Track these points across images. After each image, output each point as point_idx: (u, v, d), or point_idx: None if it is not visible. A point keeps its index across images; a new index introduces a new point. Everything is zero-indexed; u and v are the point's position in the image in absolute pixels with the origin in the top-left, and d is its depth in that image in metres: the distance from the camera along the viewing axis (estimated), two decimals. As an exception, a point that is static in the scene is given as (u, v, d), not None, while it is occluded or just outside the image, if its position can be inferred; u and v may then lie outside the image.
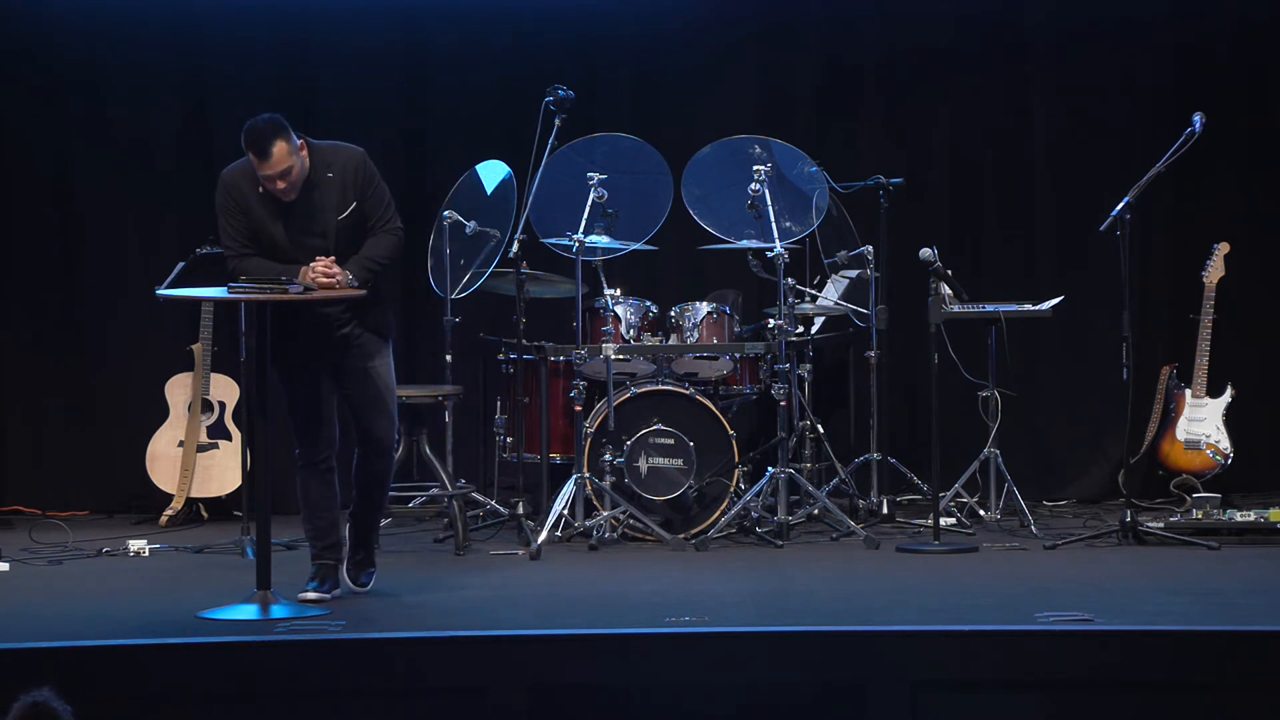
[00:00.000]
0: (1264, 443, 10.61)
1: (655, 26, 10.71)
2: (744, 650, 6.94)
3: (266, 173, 7.65)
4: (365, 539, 8.13)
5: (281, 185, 7.68)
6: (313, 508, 8.00)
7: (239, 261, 7.77)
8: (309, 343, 7.85)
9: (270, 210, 7.74)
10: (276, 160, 7.61)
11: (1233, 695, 6.77)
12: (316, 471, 7.97)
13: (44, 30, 10.53)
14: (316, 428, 7.93)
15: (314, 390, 7.90)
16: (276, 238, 7.75)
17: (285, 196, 7.71)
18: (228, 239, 7.80)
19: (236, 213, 7.78)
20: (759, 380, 9.88)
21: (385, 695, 6.75)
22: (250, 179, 7.73)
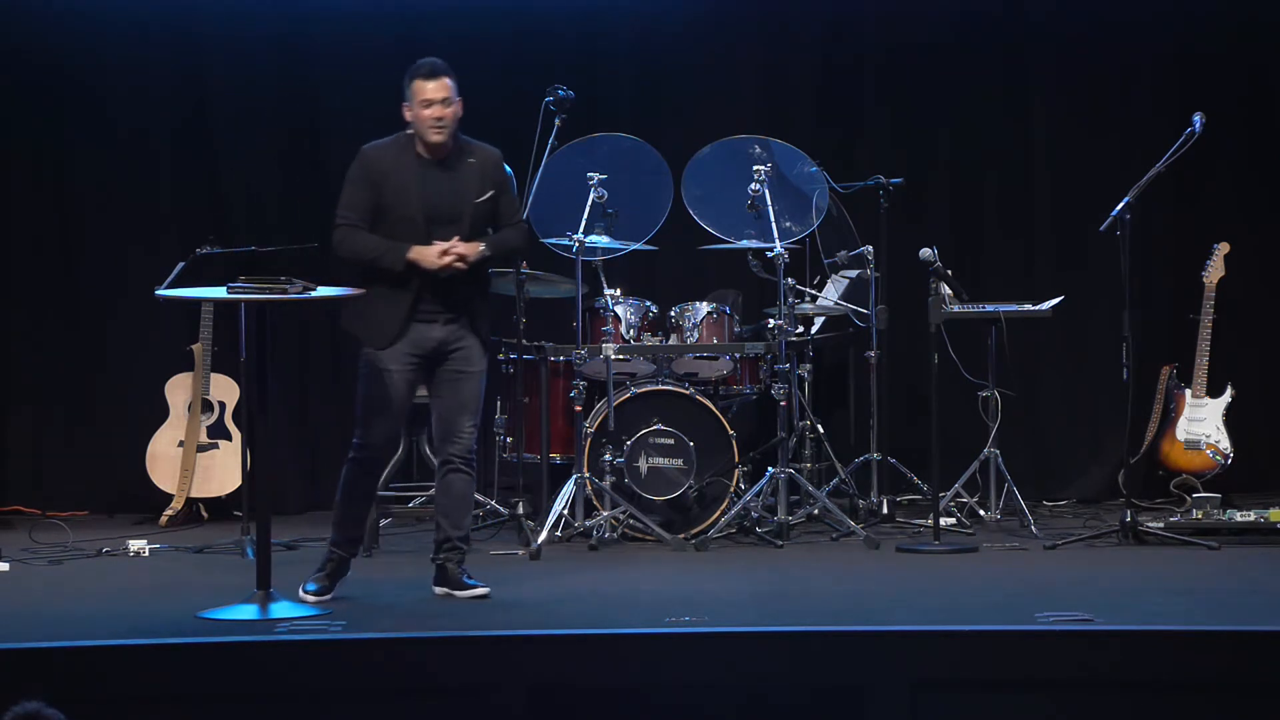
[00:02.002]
0: (1264, 443, 10.61)
1: (655, 26, 10.72)
2: (744, 650, 6.94)
3: (429, 96, 7.80)
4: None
5: (440, 113, 7.79)
6: (353, 501, 7.98)
7: (348, 231, 7.81)
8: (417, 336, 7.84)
9: (412, 185, 7.79)
10: (442, 85, 7.80)
11: (1233, 695, 6.77)
12: (370, 464, 7.95)
13: (44, 30, 10.52)
14: (389, 422, 7.89)
15: (403, 383, 7.85)
16: (412, 212, 7.79)
17: (436, 133, 7.79)
18: (345, 207, 7.85)
19: (366, 185, 7.82)
20: (759, 380, 9.88)
21: (385, 695, 6.75)
22: (396, 153, 7.82)
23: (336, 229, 7.88)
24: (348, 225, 7.85)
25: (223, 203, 10.64)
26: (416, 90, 7.84)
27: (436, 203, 7.84)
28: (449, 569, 7.99)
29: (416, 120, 7.85)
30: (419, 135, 7.87)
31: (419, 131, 7.86)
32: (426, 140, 7.85)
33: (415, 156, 7.88)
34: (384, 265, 7.79)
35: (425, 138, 7.85)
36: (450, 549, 8.00)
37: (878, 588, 8.27)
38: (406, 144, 7.90)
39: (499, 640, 6.98)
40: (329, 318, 10.64)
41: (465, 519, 8.09)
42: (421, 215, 7.81)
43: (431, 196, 7.84)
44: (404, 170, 7.84)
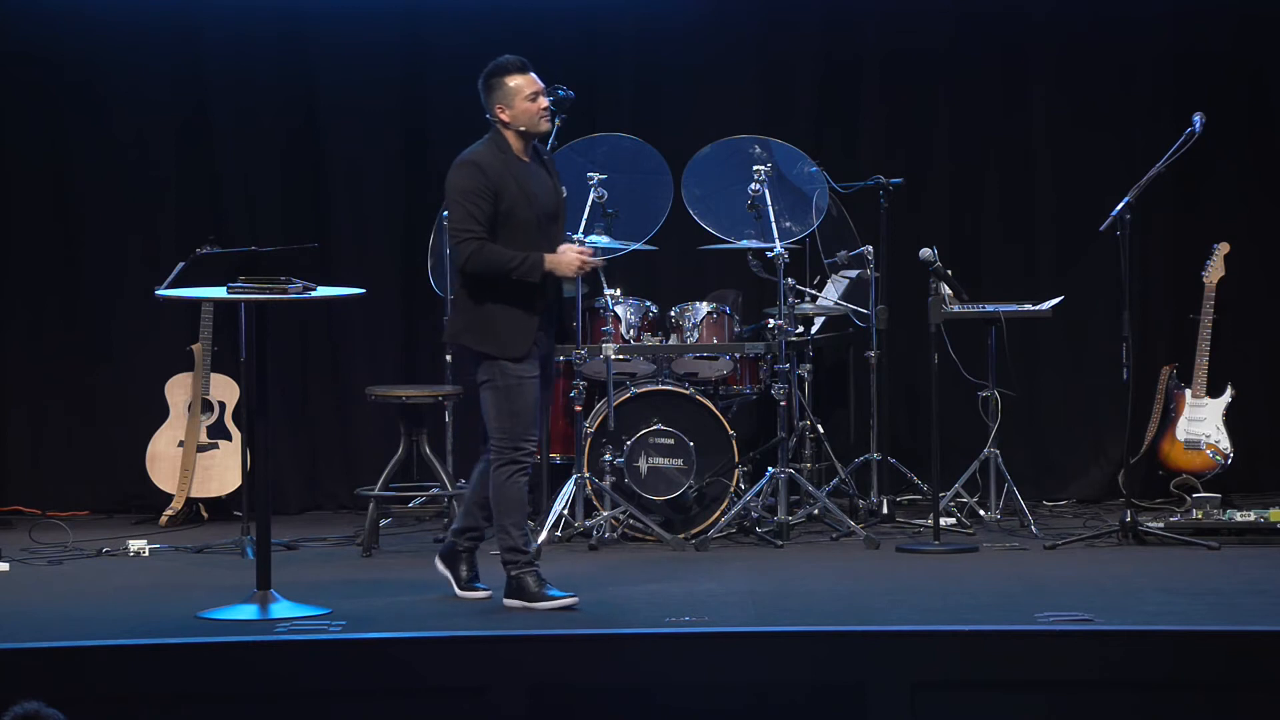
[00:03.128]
0: (1264, 443, 10.61)
1: (655, 26, 10.71)
2: (744, 650, 6.94)
3: (535, 87, 7.76)
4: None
5: (545, 104, 7.76)
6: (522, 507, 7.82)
7: (478, 245, 7.62)
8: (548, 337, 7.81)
9: (524, 187, 7.71)
10: (536, 78, 7.78)
11: (1233, 695, 6.77)
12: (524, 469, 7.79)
13: (44, 30, 10.52)
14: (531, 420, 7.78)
15: (537, 380, 7.78)
16: (529, 215, 7.70)
17: (542, 122, 7.76)
18: (470, 221, 7.64)
19: (488, 196, 7.66)
20: (759, 380, 9.88)
21: (385, 695, 6.75)
22: (500, 157, 7.72)
23: (464, 244, 7.62)
24: (476, 239, 7.63)
25: (223, 203, 10.64)
26: (518, 85, 7.74)
27: (544, 201, 7.77)
28: (460, 562, 7.98)
29: (523, 114, 7.73)
30: (526, 129, 7.74)
31: (528, 124, 7.74)
32: (537, 130, 7.77)
33: (514, 158, 7.77)
34: (519, 277, 7.63)
35: (536, 128, 7.76)
36: (471, 539, 7.98)
37: (878, 588, 8.27)
38: (503, 146, 7.77)
39: (499, 640, 6.99)
40: (329, 318, 10.67)
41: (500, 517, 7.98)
42: (535, 216, 7.71)
43: (538, 196, 7.75)
44: (512, 174, 7.72)
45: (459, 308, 7.83)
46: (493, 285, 7.68)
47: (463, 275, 7.75)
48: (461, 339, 7.83)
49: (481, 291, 7.70)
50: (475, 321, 7.73)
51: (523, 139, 7.79)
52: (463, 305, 7.79)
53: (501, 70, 7.79)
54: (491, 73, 7.81)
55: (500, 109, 7.78)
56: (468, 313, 7.74)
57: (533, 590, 7.71)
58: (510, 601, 7.74)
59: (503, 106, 7.77)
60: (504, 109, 7.77)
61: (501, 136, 7.78)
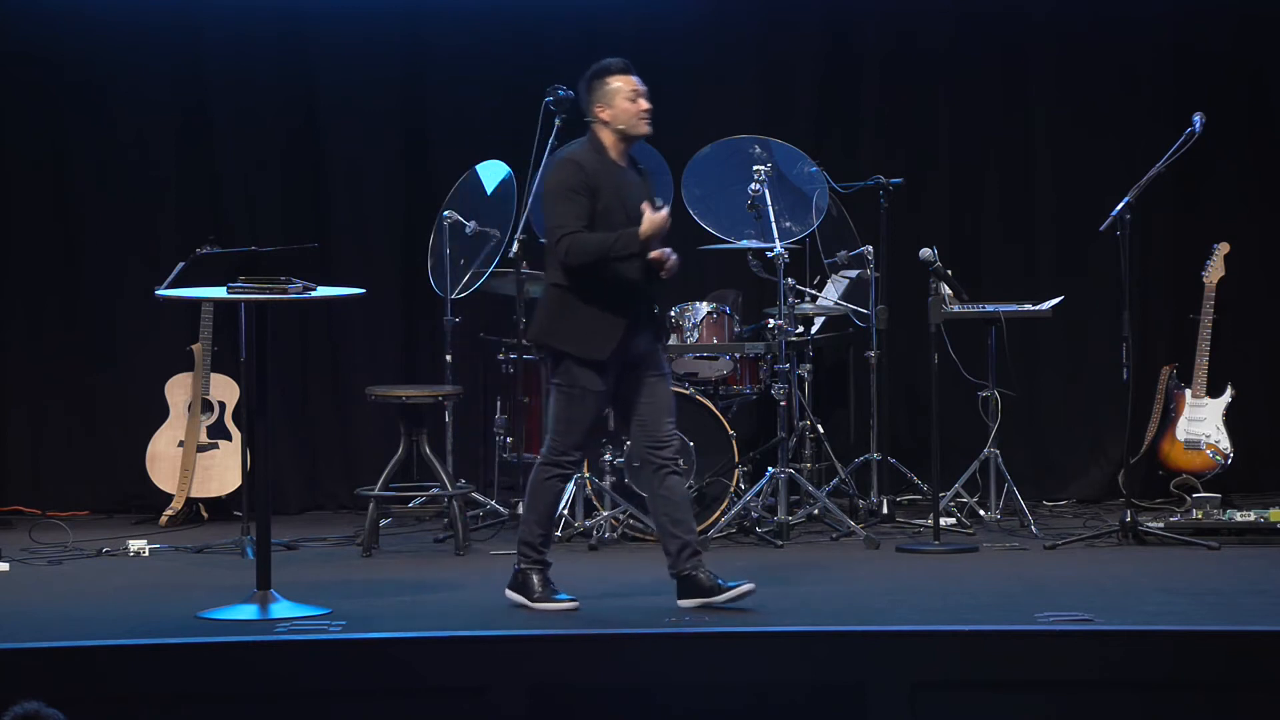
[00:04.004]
0: (1264, 443, 10.61)
1: (655, 26, 10.71)
2: (744, 650, 6.94)
3: (638, 87, 7.69)
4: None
5: (646, 105, 7.70)
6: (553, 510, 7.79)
7: (573, 237, 7.55)
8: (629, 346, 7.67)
9: (618, 190, 7.65)
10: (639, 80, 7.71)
11: (1233, 695, 6.77)
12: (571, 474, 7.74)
13: (44, 30, 10.52)
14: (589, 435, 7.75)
15: (604, 394, 7.70)
16: (621, 217, 7.62)
17: (641, 124, 7.70)
18: (568, 216, 7.57)
19: (586, 193, 7.59)
20: (759, 380, 9.88)
21: (385, 695, 6.75)
22: (597, 158, 7.66)
23: (560, 241, 7.56)
24: (572, 233, 7.57)
25: (223, 203, 10.64)
26: (620, 86, 7.67)
27: (634, 205, 7.68)
28: (699, 577, 7.66)
29: (622, 114, 7.67)
30: (625, 129, 7.68)
31: (627, 125, 7.68)
32: (636, 132, 7.70)
33: (610, 161, 7.71)
34: (618, 254, 7.57)
35: (635, 130, 7.70)
36: (692, 554, 7.67)
37: (878, 588, 8.26)
38: (600, 148, 7.71)
39: (499, 640, 6.99)
40: (329, 318, 10.67)
41: (692, 520, 7.85)
42: (628, 220, 7.64)
43: (630, 200, 7.68)
44: (608, 176, 7.66)
45: (545, 306, 7.74)
46: (585, 286, 7.60)
47: (555, 273, 7.66)
48: (543, 338, 7.76)
49: (573, 291, 7.62)
50: (562, 321, 7.65)
51: (622, 141, 7.71)
52: (550, 304, 7.70)
53: (604, 70, 7.73)
54: (594, 73, 7.75)
55: (600, 109, 7.71)
56: (555, 312, 7.66)
57: (536, 589, 7.68)
58: (511, 595, 7.72)
59: (603, 106, 7.70)
60: (604, 109, 7.70)
61: (598, 138, 7.72)
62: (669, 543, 7.72)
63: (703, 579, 7.68)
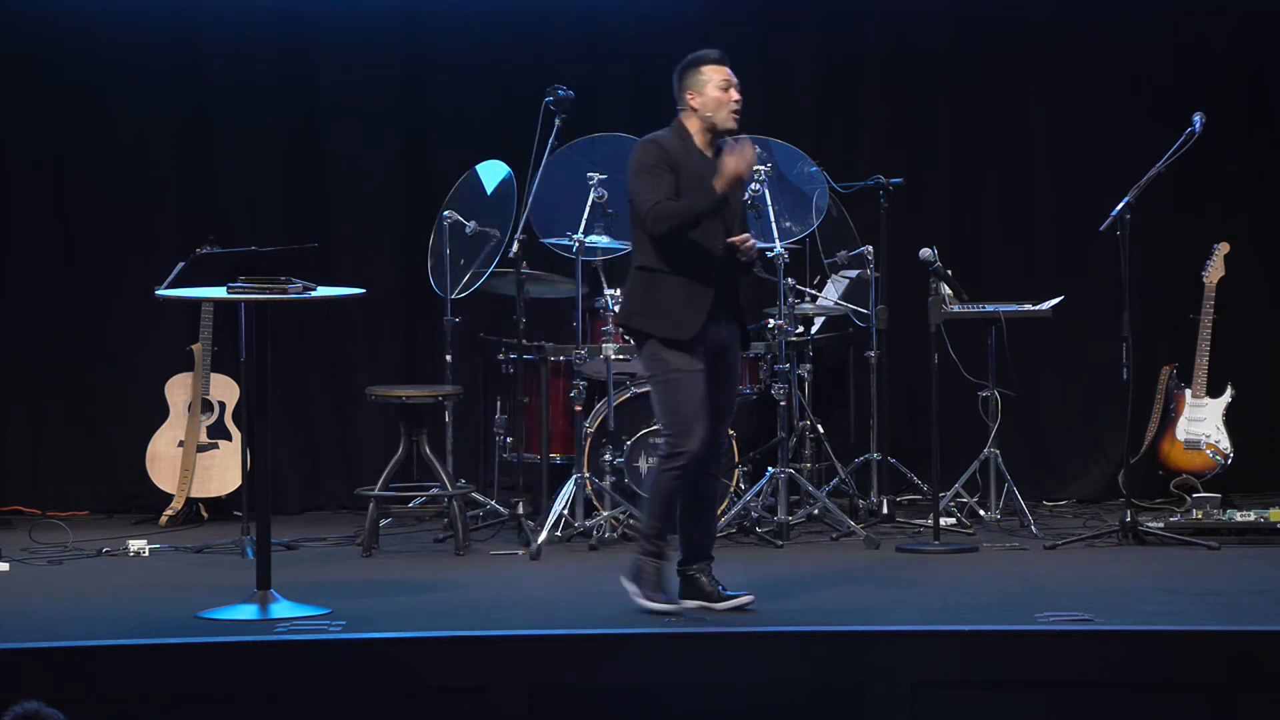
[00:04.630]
0: (1264, 443, 10.61)
1: (655, 26, 10.70)
2: (744, 650, 6.94)
3: (729, 78, 7.65)
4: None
5: (736, 97, 7.65)
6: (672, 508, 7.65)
7: (656, 207, 7.49)
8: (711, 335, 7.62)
9: (701, 178, 7.57)
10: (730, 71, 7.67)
11: (1233, 695, 6.77)
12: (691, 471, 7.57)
13: (44, 30, 10.52)
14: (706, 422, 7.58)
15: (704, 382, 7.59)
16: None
17: (736, 116, 7.65)
18: (650, 190, 7.53)
19: (667, 168, 7.55)
20: (759, 380, 9.87)
21: (385, 695, 6.75)
22: (682, 144, 7.62)
23: (646, 214, 7.52)
24: (655, 203, 7.50)
25: (223, 203, 10.64)
26: (711, 74, 7.64)
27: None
28: (703, 581, 7.69)
29: (711, 102, 7.63)
30: (712, 117, 7.64)
31: (714, 113, 7.63)
32: (722, 123, 7.64)
33: (695, 148, 7.67)
34: (700, 212, 7.51)
35: (722, 123, 7.64)
36: (704, 559, 7.70)
37: (878, 588, 8.26)
38: (684, 135, 7.67)
39: (499, 640, 6.99)
40: (329, 318, 10.67)
41: (715, 526, 7.86)
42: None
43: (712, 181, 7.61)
44: (692, 163, 7.62)
45: (631, 289, 7.70)
46: (670, 266, 7.55)
47: (642, 254, 7.61)
48: (633, 321, 7.73)
49: (658, 272, 7.58)
50: (647, 302, 7.61)
51: (708, 131, 7.66)
52: (636, 286, 7.67)
53: (699, 59, 7.70)
54: (689, 61, 7.72)
55: (691, 95, 7.67)
56: (639, 294, 7.64)
57: (648, 580, 7.60)
58: (626, 583, 7.64)
59: (694, 94, 7.67)
60: (695, 96, 7.66)
61: (684, 125, 7.69)
62: (686, 541, 7.72)
63: (705, 583, 7.68)
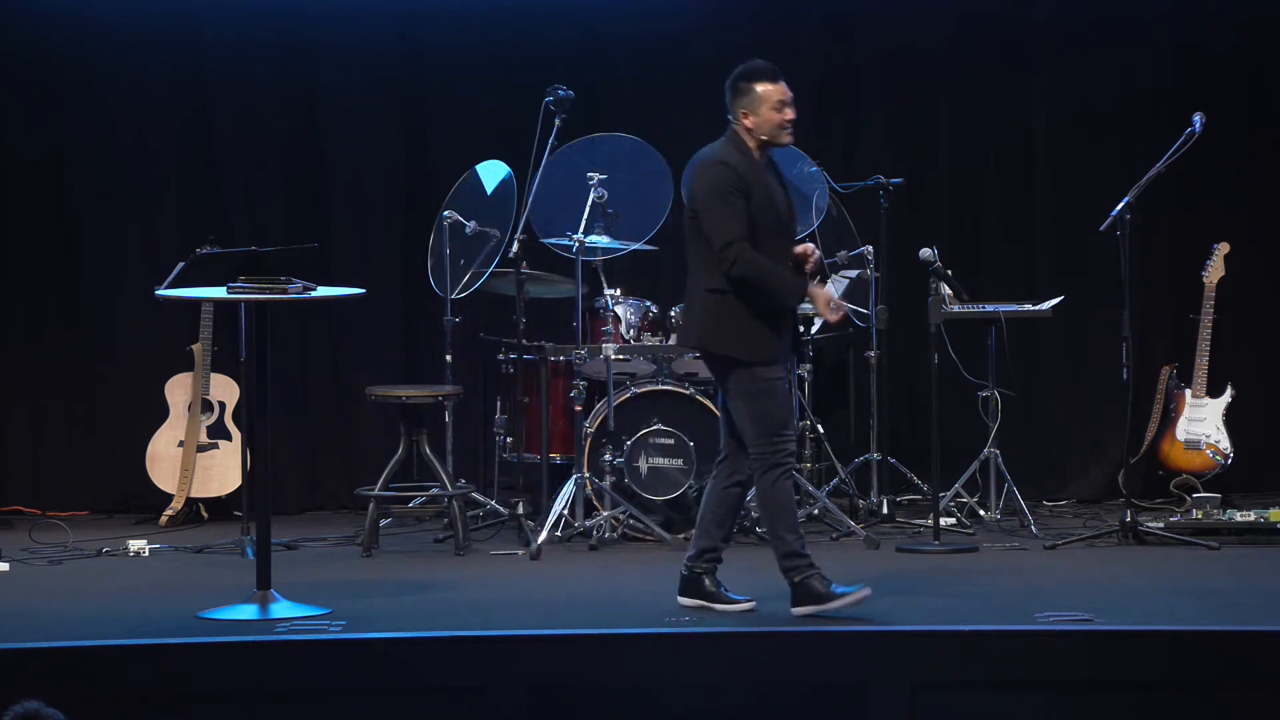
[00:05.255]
0: (1264, 443, 10.61)
1: (655, 26, 10.71)
2: (744, 650, 6.95)
3: (784, 98, 7.54)
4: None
5: (791, 115, 7.55)
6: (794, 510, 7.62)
7: (743, 248, 7.39)
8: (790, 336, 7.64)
9: (768, 193, 7.51)
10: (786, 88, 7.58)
11: (1233, 695, 6.78)
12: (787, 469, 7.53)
13: (43, 30, 10.51)
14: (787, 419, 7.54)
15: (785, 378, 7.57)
16: (774, 221, 7.51)
17: (785, 134, 7.56)
18: (732, 222, 7.41)
19: (740, 194, 7.44)
20: (759, 380, 9.86)
21: (385, 695, 6.76)
22: (745, 160, 7.52)
23: (729, 247, 7.38)
24: (740, 241, 7.38)
25: (223, 203, 10.64)
26: (766, 93, 7.52)
27: (780, 209, 7.58)
28: (706, 582, 7.65)
29: (765, 123, 7.52)
30: (767, 138, 7.54)
31: (769, 134, 7.52)
32: (777, 142, 7.56)
33: (755, 160, 7.57)
34: (778, 293, 7.49)
35: (776, 140, 7.54)
36: (712, 560, 7.68)
37: (878, 588, 8.25)
38: (744, 149, 7.54)
39: (499, 640, 6.99)
40: (329, 318, 10.67)
41: (732, 531, 7.83)
42: (776, 222, 7.54)
43: (779, 203, 7.58)
44: (756, 175, 7.52)
45: (705, 312, 7.57)
46: (746, 290, 7.47)
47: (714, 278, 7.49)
48: (708, 344, 7.63)
49: (734, 295, 7.48)
50: (724, 326, 7.51)
51: (760, 147, 7.57)
52: (709, 309, 7.54)
53: (753, 75, 7.57)
54: (741, 75, 7.60)
55: (744, 114, 7.55)
56: (715, 317, 7.52)
57: (820, 592, 7.49)
58: (800, 609, 7.48)
59: (747, 112, 7.54)
60: (748, 114, 7.54)
61: (741, 139, 7.58)
62: (701, 538, 7.71)
63: (708, 584, 7.68)
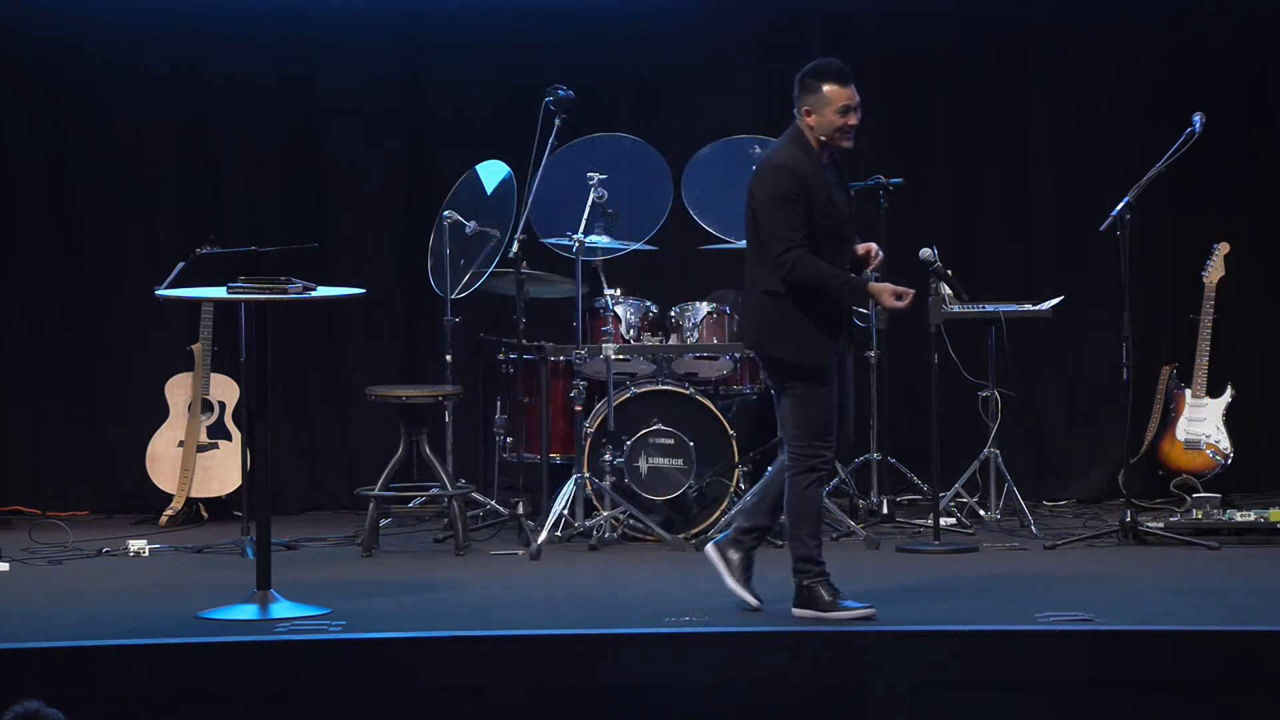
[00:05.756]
0: (1264, 443, 10.61)
1: (655, 26, 10.71)
2: (744, 650, 6.95)
3: (849, 102, 7.44)
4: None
5: (854, 121, 7.46)
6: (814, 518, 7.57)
7: (801, 254, 7.35)
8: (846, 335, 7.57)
9: (830, 195, 7.45)
10: (855, 92, 7.48)
11: (1233, 695, 6.78)
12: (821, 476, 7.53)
13: (43, 30, 10.51)
14: (828, 427, 7.49)
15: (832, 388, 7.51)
16: (836, 223, 7.45)
17: (845, 138, 7.47)
18: (789, 228, 7.36)
19: (801, 200, 7.38)
20: (759, 380, 9.87)
21: (385, 695, 6.76)
22: (807, 161, 7.45)
23: (786, 254, 7.33)
24: (798, 247, 7.33)
25: (223, 203, 10.64)
26: (832, 95, 7.44)
27: (841, 210, 7.54)
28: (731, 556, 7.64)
29: (826, 124, 7.44)
30: (827, 141, 7.46)
31: (829, 137, 7.45)
32: (840, 144, 7.49)
33: (817, 160, 7.50)
34: (839, 295, 7.45)
35: (834, 143, 7.47)
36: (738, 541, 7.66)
37: (878, 588, 8.26)
38: (807, 150, 7.46)
39: (499, 640, 6.99)
40: (329, 318, 10.67)
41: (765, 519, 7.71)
42: (837, 224, 7.49)
43: (841, 204, 7.54)
44: (819, 177, 7.46)
45: (760, 313, 7.55)
46: (803, 294, 7.43)
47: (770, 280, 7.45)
48: (762, 346, 7.63)
49: (790, 299, 7.44)
50: (778, 328, 7.48)
51: (821, 147, 7.50)
52: (765, 310, 7.52)
53: (823, 74, 7.49)
54: (810, 72, 7.52)
55: (807, 111, 7.48)
56: (770, 319, 7.50)
57: (825, 600, 7.47)
58: (801, 611, 7.48)
59: (810, 109, 7.47)
60: (811, 112, 7.47)
61: (803, 136, 7.51)
62: (737, 515, 7.79)
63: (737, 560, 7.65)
